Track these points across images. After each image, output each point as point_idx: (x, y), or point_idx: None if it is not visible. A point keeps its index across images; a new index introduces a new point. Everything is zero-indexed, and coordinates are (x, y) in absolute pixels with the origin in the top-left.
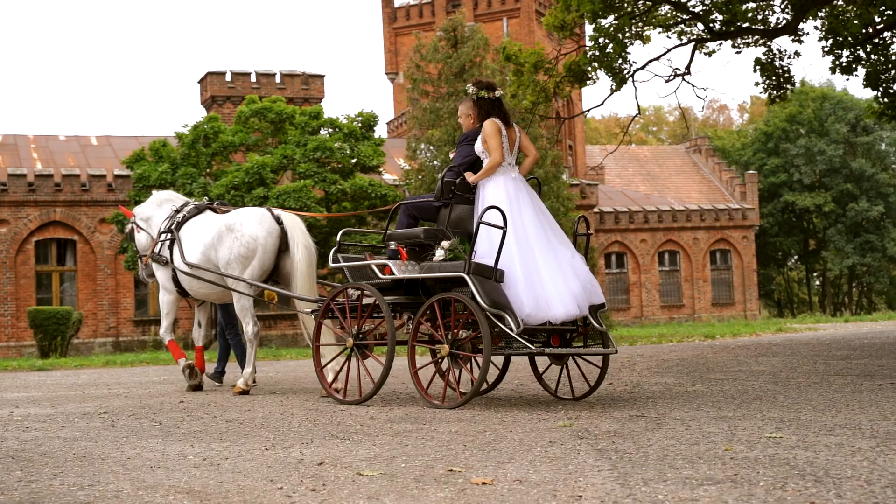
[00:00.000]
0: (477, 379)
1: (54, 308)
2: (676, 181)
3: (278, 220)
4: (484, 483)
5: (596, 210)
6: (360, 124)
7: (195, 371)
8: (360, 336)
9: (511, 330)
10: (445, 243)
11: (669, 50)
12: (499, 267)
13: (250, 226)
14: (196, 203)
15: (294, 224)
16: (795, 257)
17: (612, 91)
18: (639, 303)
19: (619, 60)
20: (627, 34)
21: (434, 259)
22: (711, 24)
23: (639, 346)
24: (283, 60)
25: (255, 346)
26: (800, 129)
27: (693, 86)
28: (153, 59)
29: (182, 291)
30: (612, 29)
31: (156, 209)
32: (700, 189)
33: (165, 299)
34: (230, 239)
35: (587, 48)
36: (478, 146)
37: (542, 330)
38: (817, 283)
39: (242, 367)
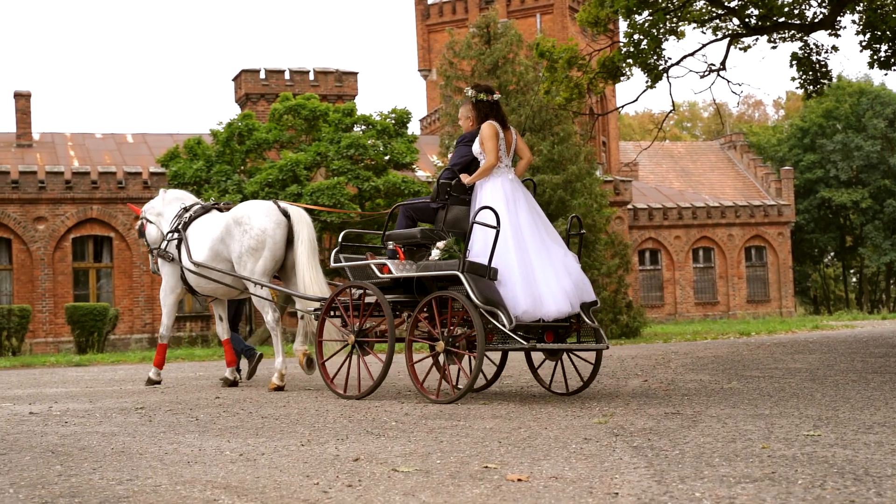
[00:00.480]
0: (471, 374)
1: (91, 304)
2: (711, 177)
3: (285, 213)
4: (519, 480)
5: (630, 206)
6: (393, 121)
7: (153, 385)
8: (362, 333)
9: (504, 326)
10: (441, 243)
11: (704, 45)
12: (496, 266)
13: (258, 218)
14: (203, 203)
15: (300, 217)
16: (832, 254)
17: (647, 87)
18: (673, 300)
19: (654, 56)
20: (662, 30)
21: (430, 258)
22: (747, 19)
23: (673, 343)
24: (317, 58)
25: (278, 335)
26: (836, 125)
27: (728, 81)
28: (188, 58)
29: (191, 289)
30: (646, 25)
31: (166, 205)
32: (735, 185)
33: (168, 300)
34: (239, 232)
35: (621, 44)
36: (475, 147)
37: (536, 326)
38: (854, 279)
39: (249, 361)
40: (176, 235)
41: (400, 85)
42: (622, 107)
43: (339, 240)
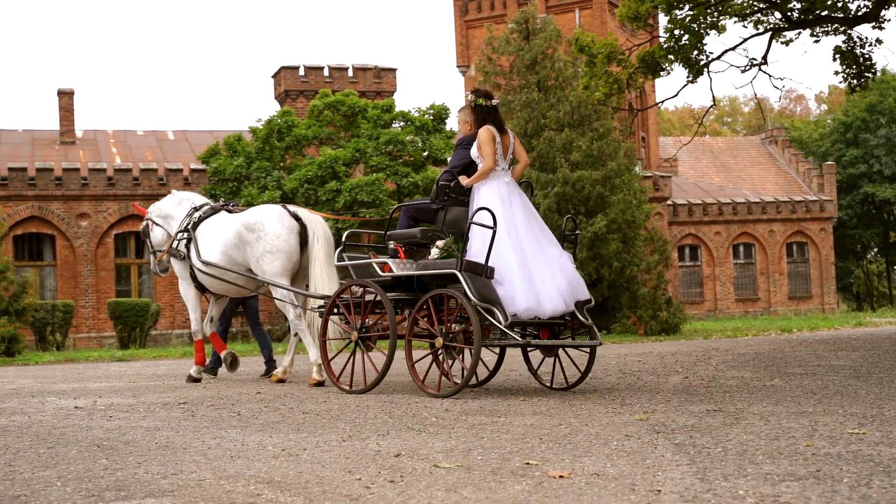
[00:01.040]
0: (468, 369)
1: (133, 300)
2: (752, 173)
3: (295, 216)
4: (561, 476)
5: (669, 202)
6: (431, 117)
7: (194, 382)
8: (364, 330)
9: (499, 323)
10: (440, 243)
11: (746, 40)
12: (494, 265)
13: (272, 224)
14: (212, 204)
15: (312, 218)
16: (875, 250)
17: (688, 82)
18: (713, 296)
19: (695, 51)
20: (703, 24)
21: (429, 257)
22: (789, 13)
23: (713, 340)
24: (356, 54)
25: (305, 330)
26: (880, 119)
27: (770, 76)
28: (228, 55)
29: (200, 287)
30: (687, 20)
31: (175, 207)
32: (776, 180)
33: (188, 294)
34: (253, 238)
35: (661, 39)
36: (473, 151)
37: (532, 323)
38: None
39: (266, 357)
40: (186, 234)
41: (438, 81)
42: (662, 102)
43: (343, 239)
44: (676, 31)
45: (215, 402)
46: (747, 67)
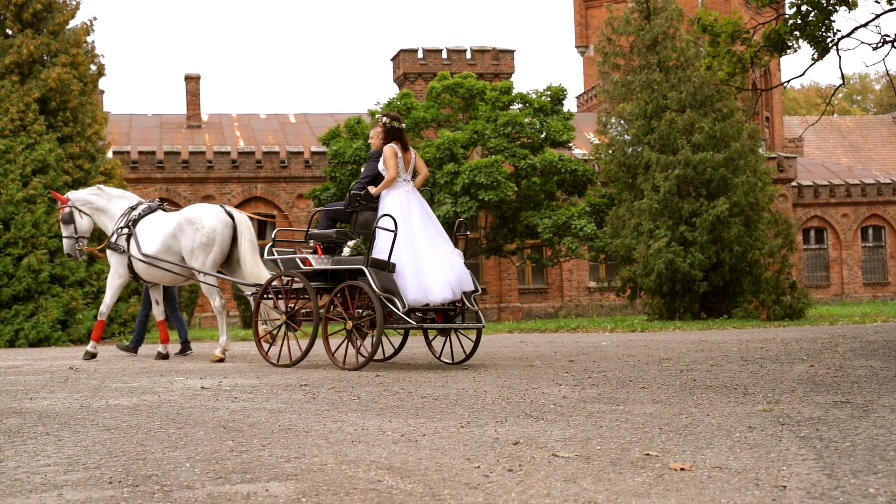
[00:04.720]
0: (372, 347)
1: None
2: (882, 153)
3: (230, 215)
4: (682, 469)
5: (794, 184)
6: (549, 98)
7: (94, 356)
8: (291, 313)
9: (398, 310)
10: (351, 242)
11: (878, 16)
12: (391, 261)
13: (209, 219)
14: (149, 203)
15: (241, 220)
16: None
17: (814, 61)
18: (839, 280)
19: (822, 29)
20: (832, 0)
21: (343, 255)
22: None
23: (840, 326)
24: (474, 36)
25: (224, 318)
26: None
27: None
28: (348, 39)
29: (136, 276)
30: None
31: (107, 203)
32: None
33: (114, 283)
34: (191, 230)
35: (787, 16)
36: (380, 165)
37: (430, 310)
38: None
39: (183, 338)
40: (126, 231)
41: (556, 62)
42: (788, 82)
43: (273, 236)
44: (803, 8)
45: (336, 384)
46: (879, 44)
